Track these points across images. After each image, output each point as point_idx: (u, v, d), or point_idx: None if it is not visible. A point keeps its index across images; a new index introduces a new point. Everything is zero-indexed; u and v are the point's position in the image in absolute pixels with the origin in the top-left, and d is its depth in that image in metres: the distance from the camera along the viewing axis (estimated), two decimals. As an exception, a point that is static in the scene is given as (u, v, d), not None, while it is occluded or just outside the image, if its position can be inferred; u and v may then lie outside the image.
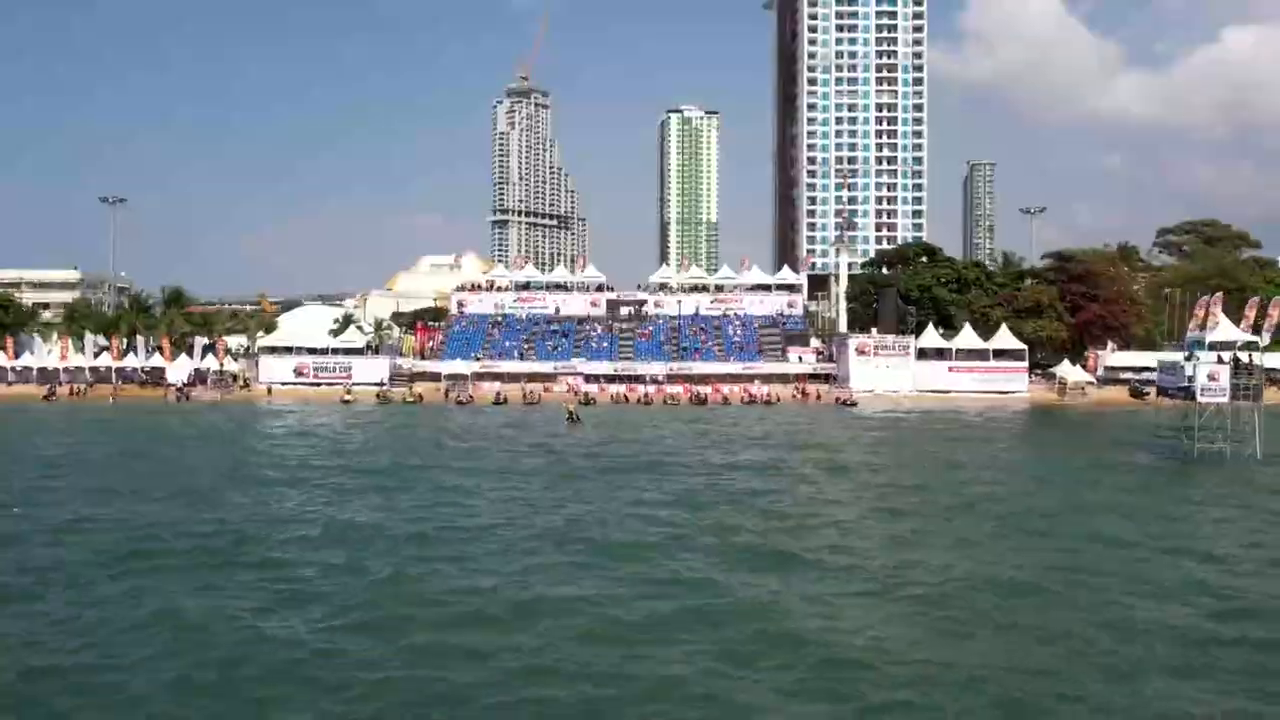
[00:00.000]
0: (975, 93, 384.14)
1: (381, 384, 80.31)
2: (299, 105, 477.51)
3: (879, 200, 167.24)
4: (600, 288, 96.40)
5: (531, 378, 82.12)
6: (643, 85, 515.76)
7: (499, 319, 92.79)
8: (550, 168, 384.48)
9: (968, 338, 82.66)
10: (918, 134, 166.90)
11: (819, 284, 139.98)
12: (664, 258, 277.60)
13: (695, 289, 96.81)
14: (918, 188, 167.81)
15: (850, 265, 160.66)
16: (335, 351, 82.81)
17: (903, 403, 76.98)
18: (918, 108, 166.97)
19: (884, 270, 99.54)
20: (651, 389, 79.90)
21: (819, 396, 78.69)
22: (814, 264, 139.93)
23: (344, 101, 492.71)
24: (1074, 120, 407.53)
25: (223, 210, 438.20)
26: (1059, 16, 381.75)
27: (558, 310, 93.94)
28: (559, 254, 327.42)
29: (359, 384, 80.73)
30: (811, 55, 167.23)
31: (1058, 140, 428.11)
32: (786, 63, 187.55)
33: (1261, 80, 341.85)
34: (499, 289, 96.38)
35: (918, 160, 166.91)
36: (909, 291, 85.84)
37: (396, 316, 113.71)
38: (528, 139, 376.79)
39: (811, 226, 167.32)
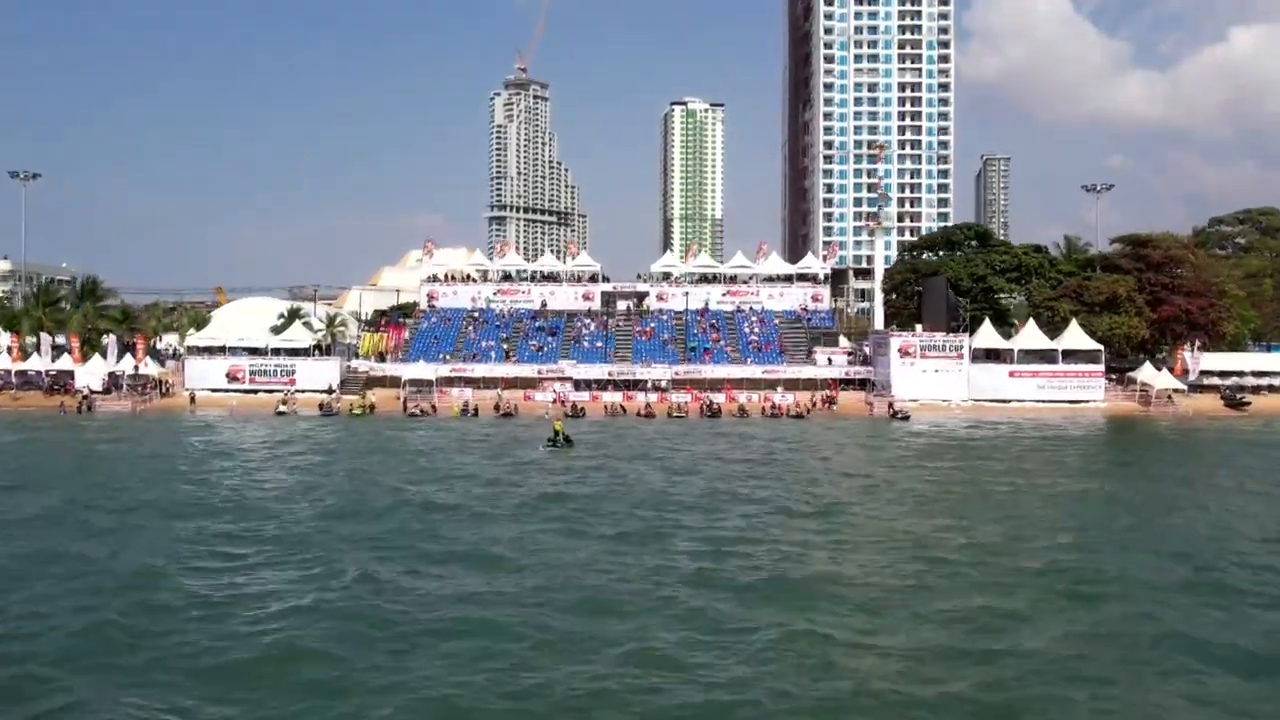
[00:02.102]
0: (979, 91, 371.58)
1: (330, 391, 67.00)
2: (296, 101, 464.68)
3: (901, 188, 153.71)
4: (594, 278, 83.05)
5: (510, 383, 68.82)
6: (645, 77, 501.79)
7: (475, 314, 79.42)
8: (549, 162, 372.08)
9: (1031, 336, 69.19)
10: (944, 115, 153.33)
11: (837, 279, 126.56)
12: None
13: (704, 280, 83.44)
14: (943, 174, 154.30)
15: (873, 260, 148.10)
16: (276, 352, 69.44)
17: (956, 414, 63.65)
18: (944, 87, 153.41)
19: (926, 255, 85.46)
20: (653, 397, 66.55)
21: (825, 405, 65.25)
22: (841, 256, 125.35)
23: (341, 96, 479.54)
24: (1078, 119, 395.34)
25: (219, 208, 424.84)
26: (1065, 15, 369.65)
27: (544, 304, 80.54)
28: (558, 251, 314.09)
29: (303, 390, 67.57)
30: (828, 30, 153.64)
31: (1061, 139, 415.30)
32: (798, 44, 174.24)
33: (1266, 80, 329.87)
34: (476, 280, 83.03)
35: (944, 145, 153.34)
36: (958, 280, 72.28)
37: (378, 314, 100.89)
38: (526, 132, 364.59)
39: (829, 217, 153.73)
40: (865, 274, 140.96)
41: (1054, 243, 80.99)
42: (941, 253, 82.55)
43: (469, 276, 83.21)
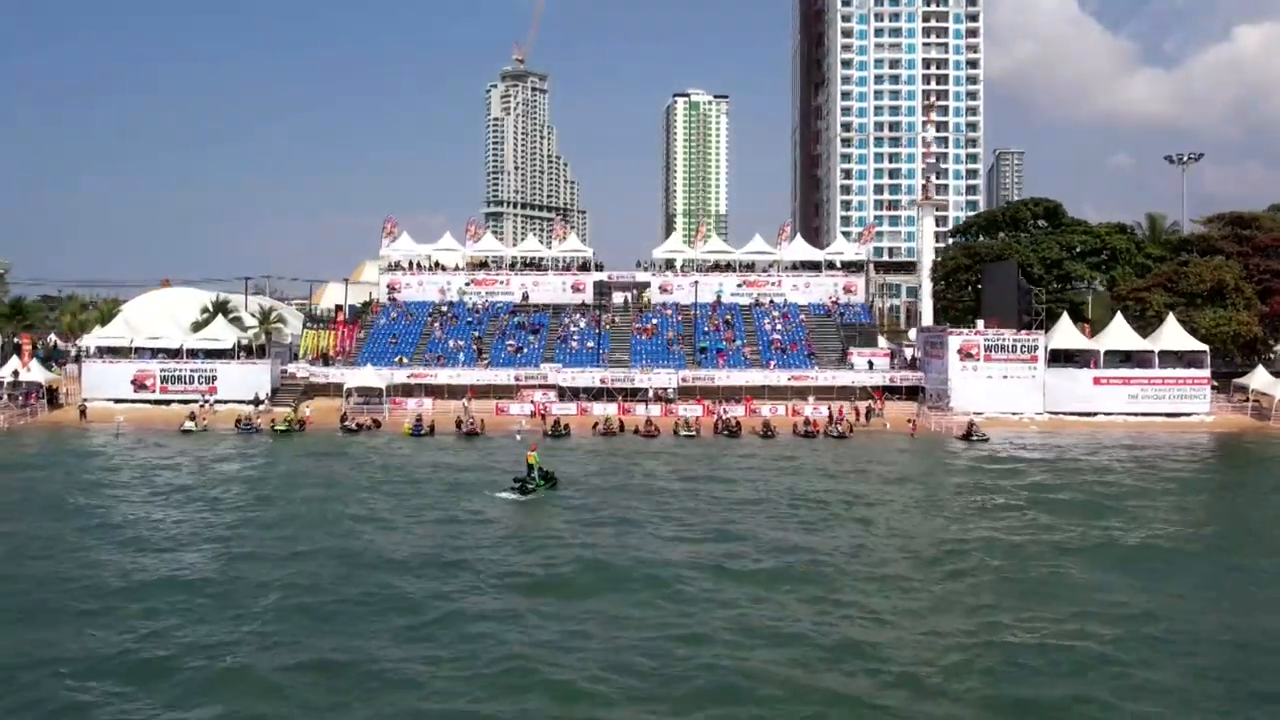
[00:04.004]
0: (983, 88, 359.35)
1: (257, 402, 54.36)
2: (288, 98, 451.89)
3: (927, 174, 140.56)
4: (586, 266, 70.31)
5: (481, 392, 56.22)
6: (646, 68, 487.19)
7: (444, 309, 66.70)
8: (547, 156, 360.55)
9: (1119, 334, 56.49)
10: (972, 95, 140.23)
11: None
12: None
13: (716, 268, 70.65)
14: (972, 158, 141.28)
15: (895, 252, 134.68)
16: (193, 353, 56.80)
17: (1031, 431, 51.04)
18: (972, 64, 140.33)
19: (983, 238, 72.08)
20: (656, 410, 53.85)
21: (862, 419, 52.45)
22: (877, 234, 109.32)
23: (333, 90, 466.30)
24: (1084, 118, 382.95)
25: (215, 205, 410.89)
26: (1070, 13, 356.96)
27: (526, 296, 67.80)
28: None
29: (226, 401, 55.03)
30: (846, 3, 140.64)
31: (1066, 138, 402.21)
32: (811, 22, 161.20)
33: (1273, 79, 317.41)
34: (447, 269, 70.27)
35: (972, 126, 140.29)
36: (1027, 266, 59.46)
37: (337, 309, 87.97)
38: (523, 125, 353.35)
39: (847, 205, 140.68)
40: (893, 267, 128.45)
41: (1136, 222, 67.92)
42: (1002, 234, 69.49)
43: (438, 264, 70.45)
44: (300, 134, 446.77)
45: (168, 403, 55.50)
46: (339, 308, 70.21)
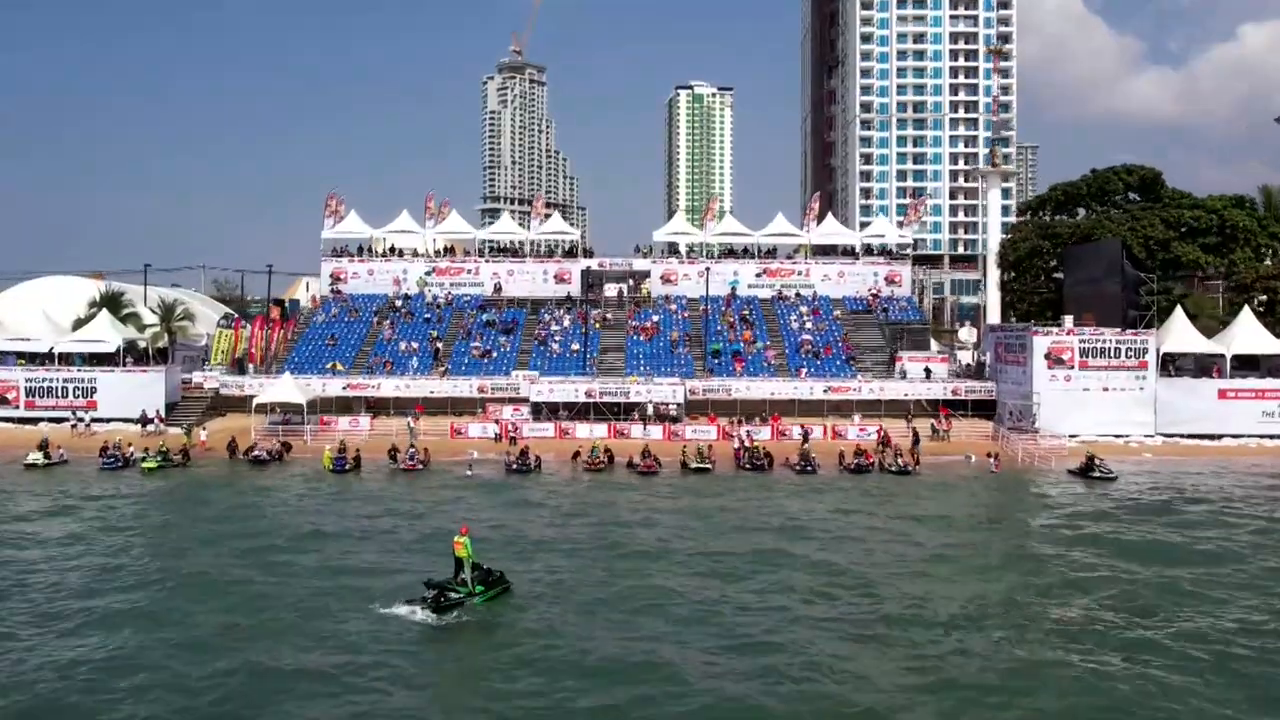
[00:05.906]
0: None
1: (147, 421, 42.31)
2: (282, 88, 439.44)
3: (954, 159, 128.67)
4: (572, 252, 58.19)
5: (434, 406, 44.19)
6: (647, 60, 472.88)
7: (397, 303, 54.58)
8: (546, 151, 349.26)
9: (1249, 334, 44.36)
10: (1004, 72, 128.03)
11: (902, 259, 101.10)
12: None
13: (730, 254, 58.56)
14: (1004, 142, 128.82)
15: (913, 245, 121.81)
16: (68, 358, 44.72)
17: (1145, 460, 38.97)
18: (1004, 38, 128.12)
19: (1054, 214, 59.29)
20: (657, 432, 41.71)
21: (903, 442, 40.15)
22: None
23: (328, 79, 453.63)
24: (1088, 116, 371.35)
25: (197, 200, 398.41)
26: (1075, 12, 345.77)
27: (499, 289, 55.59)
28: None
29: (106, 420, 43.04)
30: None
31: (1071, 135, 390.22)
32: (823, 0, 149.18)
33: (1278, 78, 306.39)
34: (406, 255, 58.11)
35: (1005, 107, 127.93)
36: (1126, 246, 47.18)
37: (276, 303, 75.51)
38: (521, 119, 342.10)
39: (867, 194, 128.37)
40: (918, 259, 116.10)
41: (1250, 197, 55.37)
42: (1082, 211, 57.15)
43: (393, 249, 58.30)
44: (290, 128, 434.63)
45: (35, 421, 43.52)
46: (277, 303, 58.17)
